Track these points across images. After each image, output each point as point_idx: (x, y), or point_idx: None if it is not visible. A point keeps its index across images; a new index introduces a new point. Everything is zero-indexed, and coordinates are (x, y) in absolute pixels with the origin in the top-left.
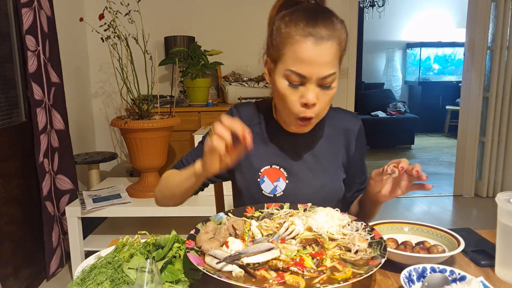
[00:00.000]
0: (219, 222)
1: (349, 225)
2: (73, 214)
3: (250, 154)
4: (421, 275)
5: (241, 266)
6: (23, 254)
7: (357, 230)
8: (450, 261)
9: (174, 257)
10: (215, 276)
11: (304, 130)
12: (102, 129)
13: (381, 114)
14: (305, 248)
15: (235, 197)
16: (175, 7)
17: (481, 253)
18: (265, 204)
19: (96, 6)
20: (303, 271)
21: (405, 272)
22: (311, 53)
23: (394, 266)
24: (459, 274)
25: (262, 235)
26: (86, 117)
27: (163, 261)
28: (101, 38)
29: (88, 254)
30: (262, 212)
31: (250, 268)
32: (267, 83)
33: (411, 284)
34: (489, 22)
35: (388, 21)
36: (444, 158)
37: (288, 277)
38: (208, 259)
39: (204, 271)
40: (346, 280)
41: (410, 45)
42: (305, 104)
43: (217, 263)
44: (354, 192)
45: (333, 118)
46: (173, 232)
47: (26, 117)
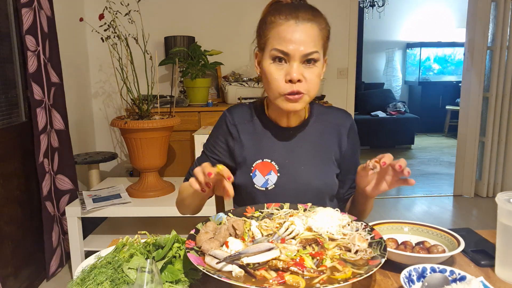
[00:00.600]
0: (219, 222)
1: (349, 225)
2: (73, 214)
3: (244, 151)
4: (421, 275)
5: (241, 266)
6: (23, 254)
7: (357, 230)
8: (450, 261)
9: (174, 257)
10: (215, 276)
11: (295, 107)
12: (102, 129)
13: (381, 114)
14: (305, 248)
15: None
16: (175, 7)
17: (481, 253)
18: (265, 204)
19: (96, 6)
20: (303, 271)
21: (405, 272)
22: (293, 32)
23: (394, 266)
24: (459, 274)
25: (262, 235)
26: (86, 117)
27: (163, 261)
28: (101, 38)
29: (88, 254)
30: (262, 212)
31: (250, 268)
32: (259, 81)
33: (411, 284)
34: (489, 22)
35: (388, 21)
36: (444, 158)
37: (288, 277)
38: (208, 259)
39: (204, 271)
40: (346, 280)
41: (410, 45)
42: (290, 81)
43: (217, 263)
44: (348, 189)
45: (325, 114)
46: (173, 232)
47: (26, 117)
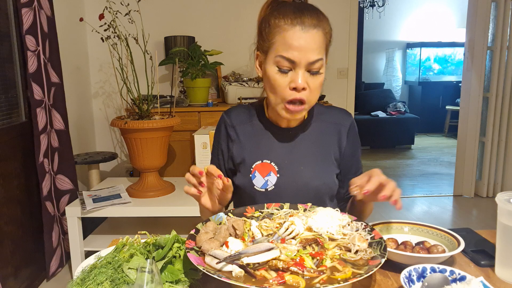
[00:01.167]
0: (219, 222)
1: (349, 225)
2: (73, 214)
3: (243, 152)
4: (421, 275)
5: (241, 266)
6: (23, 254)
7: (357, 230)
8: (450, 261)
9: (174, 257)
10: (215, 276)
11: (296, 116)
12: (102, 129)
13: (381, 114)
14: (305, 248)
15: (232, 192)
16: (175, 7)
17: (481, 253)
18: (265, 204)
19: (96, 6)
20: (303, 271)
21: (405, 272)
22: (299, 39)
23: (394, 266)
24: (459, 274)
25: (262, 235)
26: (86, 117)
27: (163, 261)
28: (101, 38)
29: (88, 254)
30: (262, 212)
31: (250, 268)
32: (259, 81)
33: (411, 284)
34: (489, 22)
35: (388, 21)
36: (444, 158)
37: (288, 277)
38: (208, 259)
39: (204, 271)
40: (346, 280)
41: (410, 45)
42: (294, 88)
43: (217, 263)
44: (348, 189)
45: (324, 114)
46: (173, 232)
47: (26, 117)
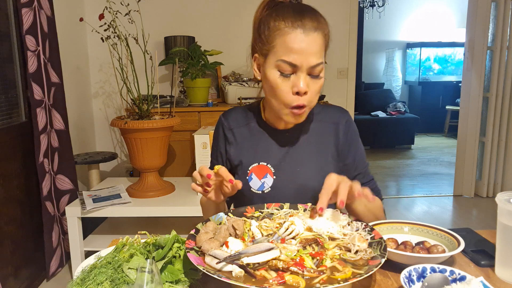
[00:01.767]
0: (219, 222)
1: (349, 225)
2: (73, 214)
3: (240, 154)
4: (421, 275)
5: (241, 266)
6: (23, 254)
7: (357, 230)
8: (450, 261)
9: (174, 257)
10: (215, 276)
11: (299, 120)
12: (102, 129)
13: (381, 114)
14: (305, 248)
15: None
16: (175, 7)
17: (481, 253)
18: (265, 204)
19: (96, 6)
20: (303, 271)
21: (405, 272)
22: (301, 43)
23: (394, 266)
24: (459, 274)
25: (262, 235)
26: (86, 117)
27: (163, 261)
28: (101, 38)
29: (88, 254)
30: (262, 212)
31: (250, 268)
32: (259, 81)
33: (411, 284)
34: (489, 22)
35: (388, 21)
36: (444, 158)
37: (288, 277)
38: (208, 259)
39: (204, 271)
40: (346, 280)
41: (410, 45)
42: (297, 93)
43: (217, 263)
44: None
45: (321, 113)
46: (173, 232)
47: (26, 117)
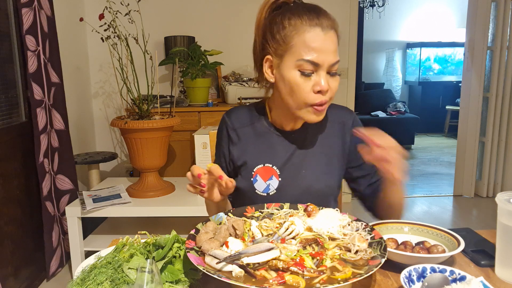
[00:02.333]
0: (219, 222)
1: (349, 225)
2: (73, 214)
3: (245, 155)
4: (421, 275)
5: (241, 266)
6: (23, 254)
7: (357, 230)
8: (450, 261)
9: (174, 257)
10: (215, 276)
11: (320, 117)
12: (102, 129)
13: (381, 114)
14: (305, 248)
15: (233, 196)
16: (175, 7)
17: (481, 253)
18: (265, 204)
19: (96, 6)
20: (303, 271)
21: (405, 272)
22: (321, 41)
23: (394, 266)
24: (459, 274)
25: (262, 235)
26: (86, 117)
27: (163, 261)
28: (101, 38)
29: (88, 254)
30: (262, 212)
31: (250, 268)
32: (266, 83)
33: (411, 284)
34: (489, 22)
35: (388, 21)
36: (444, 158)
37: (288, 277)
38: (208, 259)
39: (204, 271)
40: (346, 280)
41: (410, 45)
42: (319, 91)
43: (217, 263)
44: (366, 187)
45: (327, 114)
46: (173, 232)
47: (26, 117)
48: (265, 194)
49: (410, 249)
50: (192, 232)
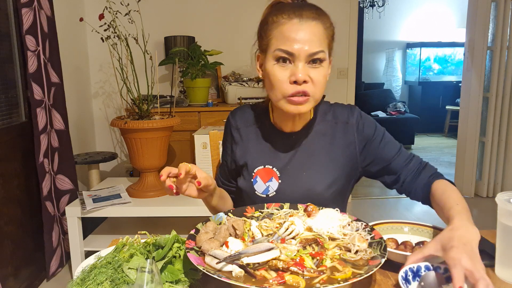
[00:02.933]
0: (219, 222)
1: (349, 225)
2: (73, 214)
3: (246, 155)
4: (416, 274)
5: (241, 266)
6: (23, 254)
7: (357, 230)
8: None
9: (174, 257)
10: (215, 276)
11: (300, 110)
12: (102, 129)
13: (381, 114)
14: (305, 248)
15: (235, 196)
16: (175, 7)
17: (481, 253)
18: (265, 204)
19: (96, 6)
20: (303, 271)
21: (402, 274)
22: (297, 31)
23: (394, 266)
24: None
25: (262, 235)
26: (86, 117)
27: (163, 261)
28: (101, 38)
29: (88, 254)
30: (262, 212)
31: (250, 268)
32: (259, 81)
33: (408, 285)
34: (489, 22)
35: (388, 21)
36: (444, 158)
37: (288, 277)
38: (208, 259)
39: (204, 271)
40: (346, 280)
41: (410, 45)
42: (295, 82)
43: (217, 263)
44: (403, 181)
45: (328, 113)
46: (173, 232)
47: (26, 117)
48: (265, 196)
49: (410, 249)
50: (192, 232)
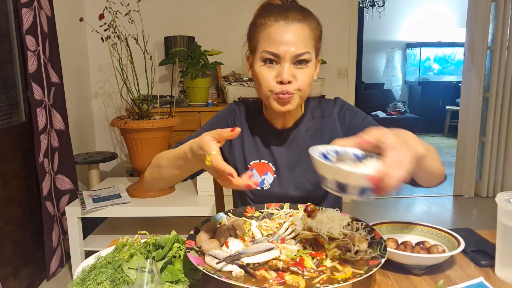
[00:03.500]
0: (219, 222)
1: (349, 225)
2: (73, 214)
3: (242, 147)
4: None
5: (241, 266)
6: (23, 254)
7: (357, 230)
8: (450, 261)
9: (174, 257)
10: (215, 276)
11: (288, 107)
12: (102, 129)
13: (381, 114)
14: (305, 248)
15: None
16: (175, 7)
17: (481, 253)
18: (265, 204)
19: (96, 6)
20: (303, 271)
21: (323, 151)
22: (282, 33)
23: (394, 266)
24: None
25: (262, 235)
26: (86, 117)
27: (163, 261)
28: (101, 38)
29: (88, 254)
30: (262, 212)
31: (250, 268)
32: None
33: (325, 159)
34: (489, 22)
35: (388, 21)
36: (444, 158)
37: (288, 277)
38: (208, 259)
39: (204, 271)
40: (346, 280)
41: (410, 45)
42: (281, 82)
43: (217, 263)
44: None
45: (316, 109)
46: (173, 232)
47: (26, 117)
48: (260, 188)
49: (410, 249)
50: (192, 232)
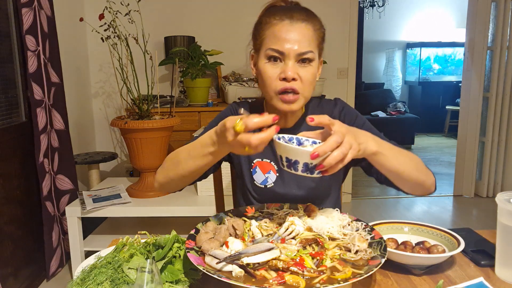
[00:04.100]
0: (219, 222)
1: (349, 225)
2: (73, 214)
3: None
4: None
5: (241, 266)
6: (23, 254)
7: (357, 230)
8: (450, 261)
9: (174, 257)
10: (215, 276)
11: (292, 107)
12: (102, 129)
13: (381, 114)
14: (305, 248)
15: (233, 180)
16: (175, 7)
17: (481, 253)
18: (265, 204)
19: (96, 6)
20: (303, 271)
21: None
22: (287, 32)
23: (394, 266)
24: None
25: (262, 235)
26: (86, 117)
27: (163, 261)
28: (101, 38)
29: (88, 254)
30: (262, 212)
31: (250, 268)
32: (257, 80)
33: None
34: (489, 22)
35: (388, 21)
36: (444, 158)
37: (288, 277)
38: (208, 259)
39: (204, 271)
40: (346, 280)
41: (410, 45)
42: (284, 79)
43: (217, 263)
44: (378, 172)
45: (316, 110)
46: (173, 232)
47: (26, 117)
48: (263, 186)
49: (410, 249)
50: (192, 232)
